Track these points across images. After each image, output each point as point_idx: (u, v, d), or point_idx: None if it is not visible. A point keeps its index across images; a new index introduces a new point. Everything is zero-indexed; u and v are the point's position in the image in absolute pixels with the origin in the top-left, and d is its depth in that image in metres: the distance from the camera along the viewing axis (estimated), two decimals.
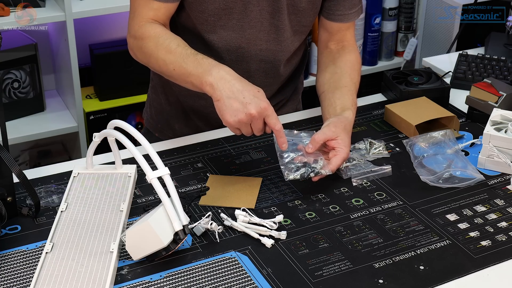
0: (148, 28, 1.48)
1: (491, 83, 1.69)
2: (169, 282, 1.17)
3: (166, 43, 1.45)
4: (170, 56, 1.43)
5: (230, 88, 1.34)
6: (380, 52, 3.02)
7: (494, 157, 1.47)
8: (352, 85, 1.57)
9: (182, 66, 1.41)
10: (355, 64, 1.63)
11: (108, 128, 1.31)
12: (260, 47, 1.58)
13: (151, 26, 1.49)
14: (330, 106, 1.53)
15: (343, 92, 1.54)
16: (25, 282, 1.16)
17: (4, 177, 1.27)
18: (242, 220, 1.30)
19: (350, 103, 1.52)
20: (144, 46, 1.48)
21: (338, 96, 1.54)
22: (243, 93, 1.33)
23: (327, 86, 1.58)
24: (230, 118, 1.33)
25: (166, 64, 1.44)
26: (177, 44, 1.44)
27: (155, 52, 1.46)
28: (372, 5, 2.88)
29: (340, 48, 1.65)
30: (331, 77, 1.59)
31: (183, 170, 1.48)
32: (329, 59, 1.64)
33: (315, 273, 1.19)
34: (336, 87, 1.56)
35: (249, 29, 1.54)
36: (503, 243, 1.27)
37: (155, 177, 1.19)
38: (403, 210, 1.36)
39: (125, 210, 1.30)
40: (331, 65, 1.62)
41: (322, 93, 1.59)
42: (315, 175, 1.38)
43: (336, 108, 1.51)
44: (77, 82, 2.50)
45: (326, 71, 1.62)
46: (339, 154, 1.40)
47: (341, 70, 1.60)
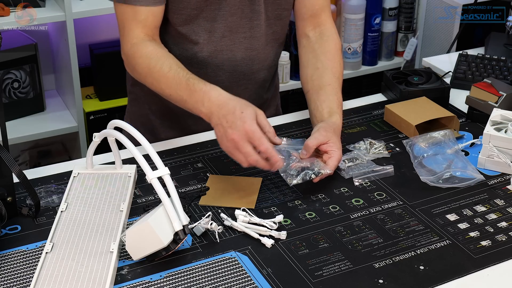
0: (140, 48, 1.49)
1: (491, 83, 1.69)
2: (169, 282, 1.17)
3: (158, 66, 1.45)
4: (164, 81, 1.45)
5: (218, 114, 1.34)
6: (380, 52, 3.02)
7: (494, 157, 1.47)
8: (336, 81, 1.57)
9: (177, 93, 1.43)
10: (335, 54, 1.61)
11: (108, 128, 1.31)
12: (244, 35, 1.57)
13: (142, 45, 1.49)
14: (316, 110, 1.53)
15: (328, 92, 1.54)
16: (25, 282, 1.16)
17: (4, 177, 1.27)
18: (242, 220, 1.30)
19: (336, 105, 1.52)
20: (137, 67, 1.49)
21: (323, 98, 1.53)
22: (227, 117, 1.32)
23: (310, 84, 1.58)
24: (220, 146, 1.35)
25: (162, 89, 1.46)
26: (169, 67, 1.45)
27: (149, 75, 1.47)
28: (372, 5, 2.88)
29: (318, 35, 1.63)
30: (313, 73, 1.59)
31: (183, 170, 1.48)
32: (309, 51, 1.63)
33: (315, 273, 1.19)
34: (320, 86, 1.56)
35: (230, 17, 1.54)
36: (503, 243, 1.27)
37: (155, 177, 1.19)
38: (403, 210, 1.36)
39: (125, 210, 1.31)
40: (311, 58, 1.61)
41: (307, 92, 1.59)
42: (316, 176, 1.38)
43: (322, 113, 1.51)
44: (77, 82, 2.50)
45: (308, 66, 1.61)
46: (334, 156, 1.41)
47: (323, 65, 1.59)
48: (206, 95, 1.37)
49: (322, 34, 1.63)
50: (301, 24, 1.66)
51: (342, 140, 1.58)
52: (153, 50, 1.48)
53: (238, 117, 1.31)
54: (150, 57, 1.47)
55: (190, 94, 1.40)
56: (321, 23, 1.64)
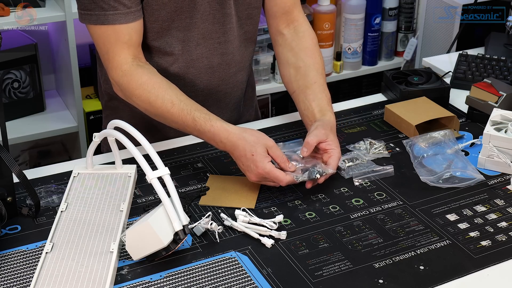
0: (134, 78, 1.44)
1: (491, 83, 1.69)
2: (169, 282, 1.17)
3: (159, 101, 1.43)
4: (169, 116, 1.43)
5: (233, 154, 1.39)
6: (380, 52, 3.02)
7: (494, 157, 1.47)
8: (320, 77, 1.57)
9: (186, 130, 1.44)
10: (314, 49, 1.61)
11: (108, 128, 1.31)
12: (218, 40, 1.56)
13: (135, 74, 1.44)
14: (307, 110, 1.53)
15: (316, 91, 1.54)
16: (25, 282, 1.16)
17: (4, 177, 1.27)
18: (242, 220, 1.30)
19: (326, 102, 1.53)
20: (135, 99, 1.45)
21: (312, 98, 1.53)
22: (241, 160, 1.37)
23: (295, 84, 1.58)
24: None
25: (168, 123, 1.46)
26: (171, 103, 1.42)
27: (151, 110, 1.45)
28: (372, 5, 2.87)
29: (293, 32, 1.63)
30: (296, 73, 1.58)
31: (183, 170, 1.48)
32: (287, 49, 1.62)
33: (315, 273, 1.19)
34: (306, 85, 1.55)
35: (203, 24, 1.52)
36: (503, 243, 1.27)
37: (155, 177, 1.19)
38: (403, 210, 1.36)
39: (125, 210, 1.30)
40: (291, 57, 1.61)
41: (294, 92, 1.58)
42: (320, 175, 1.38)
43: (314, 113, 1.51)
44: (77, 82, 2.49)
45: (289, 66, 1.60)
46: (334, 155, 1.41)
47: (304, 63, 1.58)
48: (217, 137, 1.39)
49: (296, 31, 1.63)
50: (274, 22, 1.64)
51: (342, 140, 1.58)
52: (148, 80, 1.44)
53: (250, 160, 1.35)
54: (148, 90, 1.43)
55: (200, 135, 1.42)
56: (294, 19, 1.63)
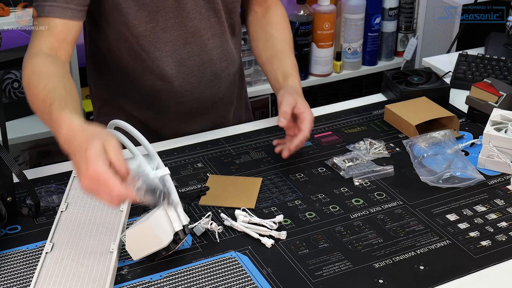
0: (32, 59, 1.34)
1: (491, 83, 1.69)
2: (169, 282, 1.17)
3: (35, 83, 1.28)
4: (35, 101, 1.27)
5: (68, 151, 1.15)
6: (380, 52, 3.02)
7: (494, 157, 1.47)
8: (286, 45, 1.60)
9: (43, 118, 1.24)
10: (282, 23, 1.65)
11: (108, 128, 1.31)
12: (207, 36, 1.55)
13: (36, 56, 1.34)
14: (274, 79, 1.56)
15: (280, 58, 1.57)
16: (25, 282, 1.16)
17: (4, 177, 1.27)
18: (242, 220, 1.30)
19: (290, 67, 1.55)
20: (22, 80, 1.34)
21: (277, 66, 1.56)
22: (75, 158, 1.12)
23: (264, 56, 1.61)
24: None
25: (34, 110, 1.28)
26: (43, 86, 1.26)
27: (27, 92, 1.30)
28: (372, 5, 2.88)
29: (264, 10, 1.67)
30: (264, 45, 1.62)
31: (183, 170, 1.48)
32: (257, 25, 1.66)
33: (315, 273, 1.19)
34: (273, 55, 1.59)
35: (190, 22, 1.52)
36: (503, 243, 1.27)
37: (155, 177, 1.19)
38: (403, 210, 1.36)
39: (125, 210, 1.30)
40: (260, 30, 1.64)
41: (262, 65, 1.62)
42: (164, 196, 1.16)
43: (278, 80, 1.54)
44: (77, 82, 2.49)
45: (258, 40, 1.64)
46: (306, 118, 1.42)
47: (272, 36, 1.62)
48: (60, 126, 1.15)
49: (268, 9, 1.67)
50: (247, 2, 1.68)
51: (342, 140, 1.58)
52: (42, 64, 1.32)
53: (83, 157, 1.08)
54: (34, 71, 1.30)
55: (49, 121, 1.20)
56: (269, 5, 1.68)
